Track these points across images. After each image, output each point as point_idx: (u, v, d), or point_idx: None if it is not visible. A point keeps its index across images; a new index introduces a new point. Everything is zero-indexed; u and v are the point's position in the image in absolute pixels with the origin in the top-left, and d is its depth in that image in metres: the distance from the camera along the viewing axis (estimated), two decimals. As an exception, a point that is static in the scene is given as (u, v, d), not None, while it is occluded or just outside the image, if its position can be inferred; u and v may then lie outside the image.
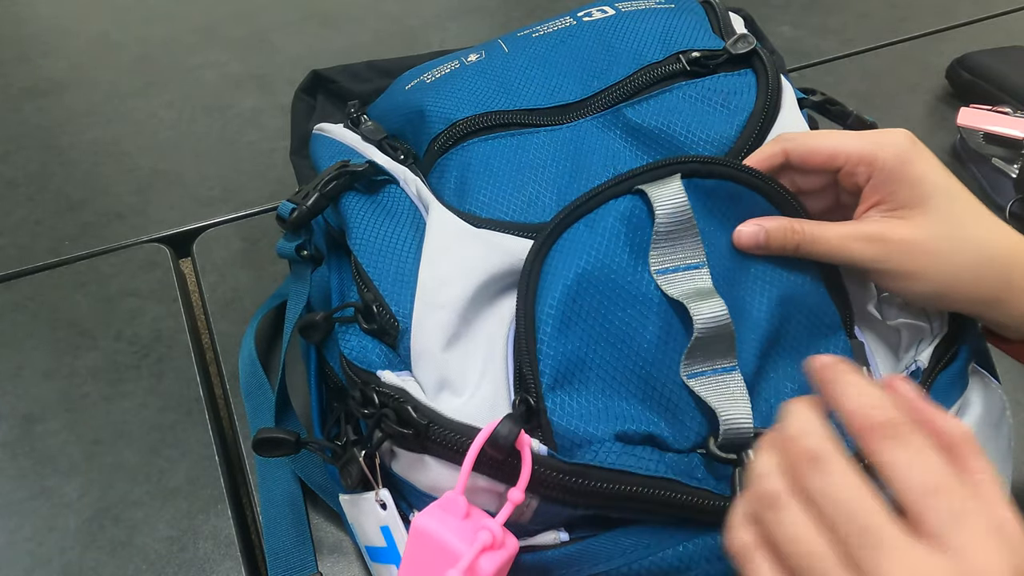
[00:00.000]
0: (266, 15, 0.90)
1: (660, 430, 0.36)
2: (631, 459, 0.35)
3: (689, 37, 0.46)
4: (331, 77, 0.61)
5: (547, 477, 0.34)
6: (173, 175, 0.71)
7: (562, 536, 0.36)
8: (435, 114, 0.46)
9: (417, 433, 0.35)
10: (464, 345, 0.38)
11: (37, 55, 0.85)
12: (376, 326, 0.38)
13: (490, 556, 0.32)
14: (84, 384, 0.55)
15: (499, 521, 0.33)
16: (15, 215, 0.67)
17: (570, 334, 0.37)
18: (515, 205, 0.41)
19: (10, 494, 0.50)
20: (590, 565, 0.35)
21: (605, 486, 0.34)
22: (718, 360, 0.37)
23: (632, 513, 0.35)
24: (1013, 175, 0.66)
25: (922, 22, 0.88)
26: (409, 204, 0.43)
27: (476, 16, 0.90)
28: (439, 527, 0.33)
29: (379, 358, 0.38)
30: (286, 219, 0.42)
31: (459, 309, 0.38)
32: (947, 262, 0.36)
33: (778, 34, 0.86)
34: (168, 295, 0.61)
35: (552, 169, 0.42)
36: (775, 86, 0.44)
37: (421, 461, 0.36)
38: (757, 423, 0.37)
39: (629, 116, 0.43)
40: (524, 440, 0.33)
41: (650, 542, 0.35)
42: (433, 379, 0.37)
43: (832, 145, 0.38)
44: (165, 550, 0.47)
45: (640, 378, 0.37)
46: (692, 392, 0.37)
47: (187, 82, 0.81)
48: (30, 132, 0.75)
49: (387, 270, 0.39)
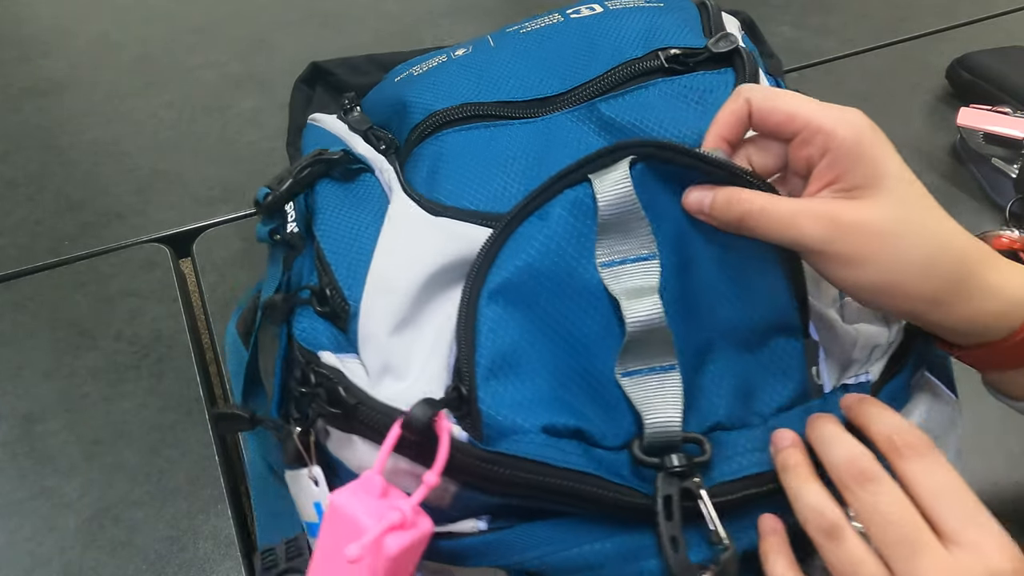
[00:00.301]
0: (266, 15, 0.90)
1: (592, 426, 0.36)
2: (553, 451, 0.34)
3: (672, 35, 0.46)
4: (330, 69, 0.61)
5: (464, 463, 0.34)
6: (173, 175, 0.71)
7: (480, 525, 0.36)
8: (416, 105, 0.47)
9: (346, 413, 0.35)
10: (412, 331, 0.38)
11: (37, 55, 0.85)
12: (328, 309, 0.39)
13: (398, 535, 0.32)
14: (84, 384, 0.55)
15: (412, 502, 0.33)
16: (15, 215, 0.67)
17: (510, 325, 0.37)
18: (482, 195, 0.42)
19: (10, 494, 0.50)
20: (505, 555, 0.35)
21: (522, 476, 0.34)
22: (655, 359, 0.36)
23: (552, 505, 0.35)
24: (1013, 175, 0.66)
25: (922, 22, 0.88)
26: (380, 192, 0.44)
27: (476, 15, 0.90)
28: (353, 504, 0.33)
29: (328, 340, 0.38)
30: (261, 203, 0.44)
31: (410, 295, 0.38)
32: (897, 248, 0.34)
33: (778, 34, 0.86)
34: (168, 295, 0.61)
35: (522, 161, 0.42)
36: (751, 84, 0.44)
37: (350, 441, 0.37)
38: (693, 420, 0.36)
39: (603, 111, 0.43)
40: (444, 425, 0.34)
41: (567, 537, 0.35)
42: (377, 363, 0.37)
43: (793, 106, 0.36)
44: (165, 550, 0.48)
45: (577, 373, 0.37)
46: (622, 390, 0.36)
47: (187, 82, 0.81)
48: (30, 132, 0.75)
49: (344, 255, 0.40)
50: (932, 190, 0.36)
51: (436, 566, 0.38)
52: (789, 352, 0.38)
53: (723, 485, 0.35)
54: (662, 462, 0.35)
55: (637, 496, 0.35)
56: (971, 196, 0.69)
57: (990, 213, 0.67)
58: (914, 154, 0.73)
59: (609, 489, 0.34)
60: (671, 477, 0.35)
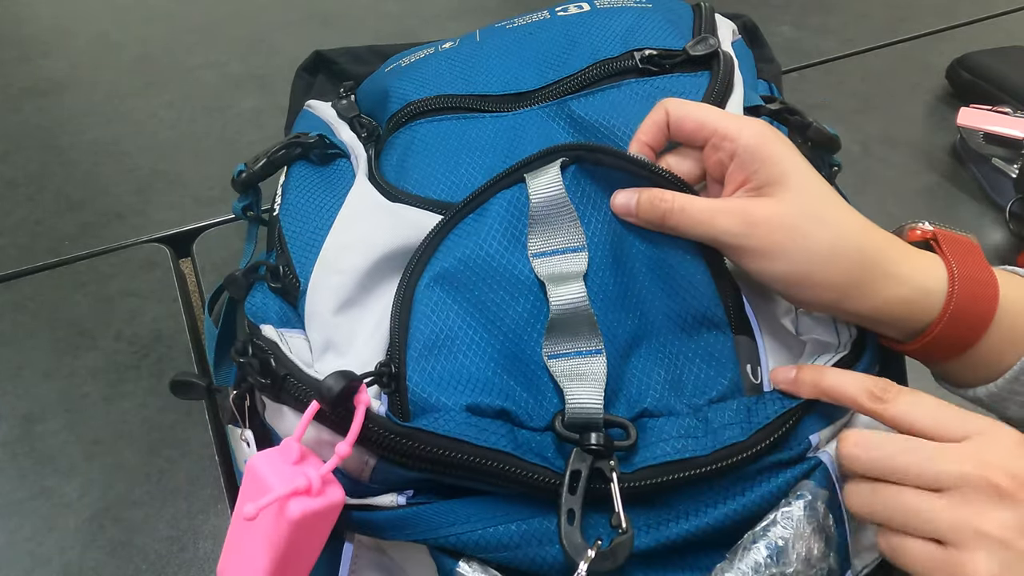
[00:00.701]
0: (266, 15, 0.90)
1: (518, 407, 0.37)
2: (471, 430, 0.35)
3: (651, 36, 0.47)
4: (333, 58, 0.63)
5: (380, 436, 0.35)
6: (173, 175, 0.71)
7: (399, 500, 0.37)
8: (396, 94, 0.48)
9: (275, 383, 0.37)
10: (357, 311, 0.40)
11: (37, 55, 0.85)
12: (280, 286, 0.41)
13: (301, 500, 0.33)
14: (84, 384, 0.55)
15: (323, 470, 0.34)
16: (15, 215, 0.67)
17: (445, 310, 0.38)
18: (446, 185, 0.43)
19: (10, 494, 0.50)
20: (421, 530, 0.36)
21: (438, 451, 0.35)
22: (581, 343, 0.37)
23: (469, 483, 0.36)
24: (1013, 175, 0.66)
25: (922, 22, 0.88)
26: (351, 177, 0.45)
27: (476, 16, 0.90)
28: (266, 468, 0.34)
29: (276, 315, 0.40)
30: (235, 179, 0.47)
31: (356, 276, 0.40)
32: (804, 238, 0.37)
33: (778, 34, 0.87)
34: (168, 295, 0.61)
35: (489, 154, 0.43)
36: (722, 89, 0.44)
37: (280, 411, 0.38)
38: (622, 406, 0.37)
39: (573, 108, 0.44)
40: (362, 399, 0.34)
41: (484, 516, 0.36)
42: (321, 339, 0.39)
43: (703, 115, 0.39)
44: (165, 550, 0.48)
45: (504, 356, 0.38)
46: (549, 372, 0.37)
47: (187, 82, 0.81)
48: (30, 132, 0.75)
49: (302, 234, 0.42)
50: (932, 190, 0.37)
51: (369, 540, 0.38)
52: (718, 347, 0.39)
53: (645, 470, 0.35)
54: (581, 439, 0.35)
55: (548, 475, 0.35)
56: (971, 196, 0.69)
57: (990, 213, 0.67)
58: (914, 154, 0.73)
59: (521, 468, 0.35)
60: (584, 454, 0.35)
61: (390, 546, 0.38)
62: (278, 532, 0.33)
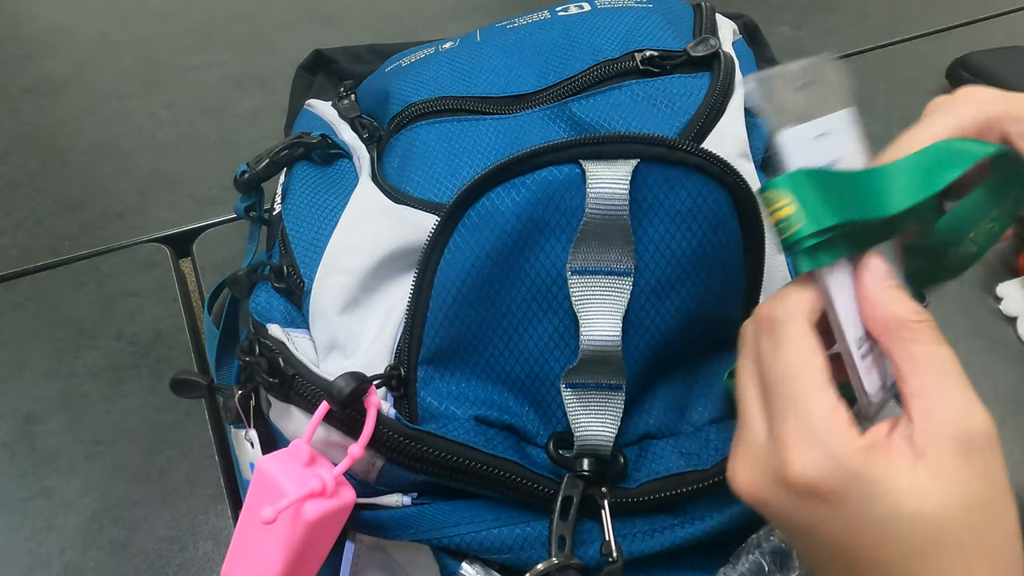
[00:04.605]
0: (266, 15, 0.90)
1: (526, 426, 0.37)
2: (479, 437, 0.35)
3: (652, 37, 0.46)
4: (333, 57, 0.63)
5: (390, 439, 0.35)
6: (173, 175, 0.71)
7: (404, 500, 0.37)
8: (397, 96, 0.48)
9: (283, 383, 0.37)
10: (362, 312, 0.39)
11: (37, 55, 0.85)
12: (284, 285, 0.41)
13: (317, 502, 0.33)
14: (84, 384, 0.55)
15: (335, 472, 0.34)
16: (15, 215, 0.67)
17: (463, 315, 0.37)
18: (447, 188, 0.42)
19: (10, 494, 0.50)
20: (424, 529, 0.36)
21: (446, 456, 0.35)
22: (602, 377, 0.36)
23: (474, 488, 0.36)
24: (1013, 175, 0.66)
25: (922, 22, 0.88)
26: (353, 178, 0.45)
27: (476, 16, 0.90)
28: (278, 470, 0.34)
29: (280, 315, 0.40)
30: (238, 179, 0.46)
31: (361, 276, 0.39)
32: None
33: (778, 34, 0.86)
34: (168, 295, 0.61)
35: (490, 156, 0.42)
36: (723, 90, 0.44)
37: (287, 411, 0.38)
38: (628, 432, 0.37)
39: (574, 110, 0.43)
40: (373, 401, 0.35)
41: (487, 518, 0.36)
42: (326, 339, 0.39)
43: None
44: (165, 550, 0.47)
45: (520, 377, 0.37)
46: (563, 396, 0.37)
47: (187, 82, 0.81)
48: (30, 132, 0.75)
49: (306, 234, 0.42)
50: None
51: (371, 540, 0.39)
52: (724, 367, 0.38)
53: (648, 484, 0.36)
54: (573, 464, 0.36)
55: (555, 487, 0.35)
56: (971, 196, 0.69)
57: (990, 213, 0.67)
58: (914, 154, 0.72)
59: (528, 478, 0.35)
60: (576, 480, 0.35)
61: (392, 546, 0.38)
62: (294, 534, 0.33)
